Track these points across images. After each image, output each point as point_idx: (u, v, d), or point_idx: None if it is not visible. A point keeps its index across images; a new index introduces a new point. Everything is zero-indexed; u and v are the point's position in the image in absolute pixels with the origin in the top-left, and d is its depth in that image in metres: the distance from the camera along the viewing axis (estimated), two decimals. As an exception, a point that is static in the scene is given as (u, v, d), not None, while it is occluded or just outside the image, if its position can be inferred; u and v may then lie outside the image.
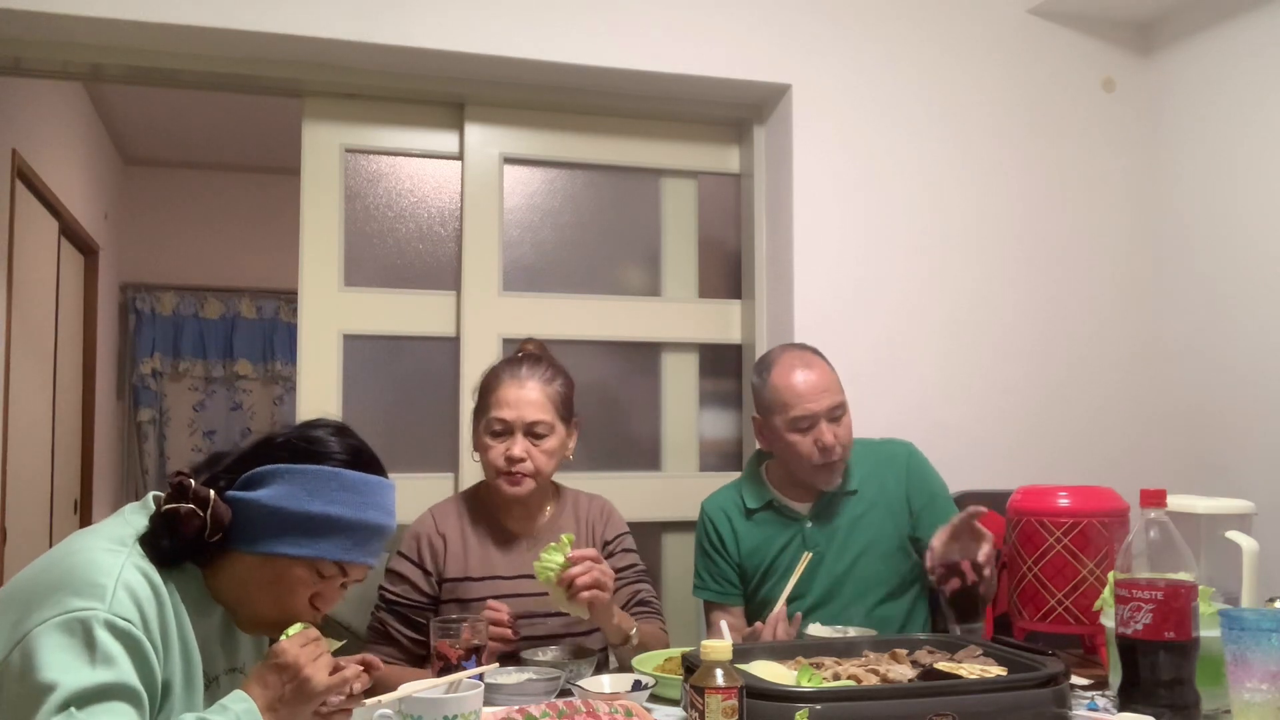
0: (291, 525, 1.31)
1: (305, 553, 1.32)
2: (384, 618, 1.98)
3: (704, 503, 2.34)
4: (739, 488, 2.30)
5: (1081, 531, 1.82)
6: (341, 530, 1.34)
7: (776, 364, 2.18)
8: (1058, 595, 1.82)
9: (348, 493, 1.35)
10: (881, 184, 2.85)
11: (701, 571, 2.29)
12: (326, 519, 1.33)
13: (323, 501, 1.33)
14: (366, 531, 1.36)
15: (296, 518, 1.32)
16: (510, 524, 2.05)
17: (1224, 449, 2.76)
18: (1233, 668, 1.39)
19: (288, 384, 5.60)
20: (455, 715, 1.35)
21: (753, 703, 1.31)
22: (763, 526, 2.23)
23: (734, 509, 2.27)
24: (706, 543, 2.28)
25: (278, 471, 1.34)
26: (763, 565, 2.22)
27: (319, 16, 2.44)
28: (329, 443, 1.39)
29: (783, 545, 2.21)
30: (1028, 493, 1.95)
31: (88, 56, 2.50)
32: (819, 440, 2.10)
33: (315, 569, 1.34)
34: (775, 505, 2.23)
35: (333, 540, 1.33)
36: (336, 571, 1.36)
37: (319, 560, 1.33)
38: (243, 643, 1.48)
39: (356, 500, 1.35)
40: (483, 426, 2.03)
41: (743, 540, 2.24)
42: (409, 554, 2.02)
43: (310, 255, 2.69)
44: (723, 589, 2.25)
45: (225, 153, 5.40)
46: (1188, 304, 2.92)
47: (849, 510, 2.20)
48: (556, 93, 2.80)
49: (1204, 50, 2.88)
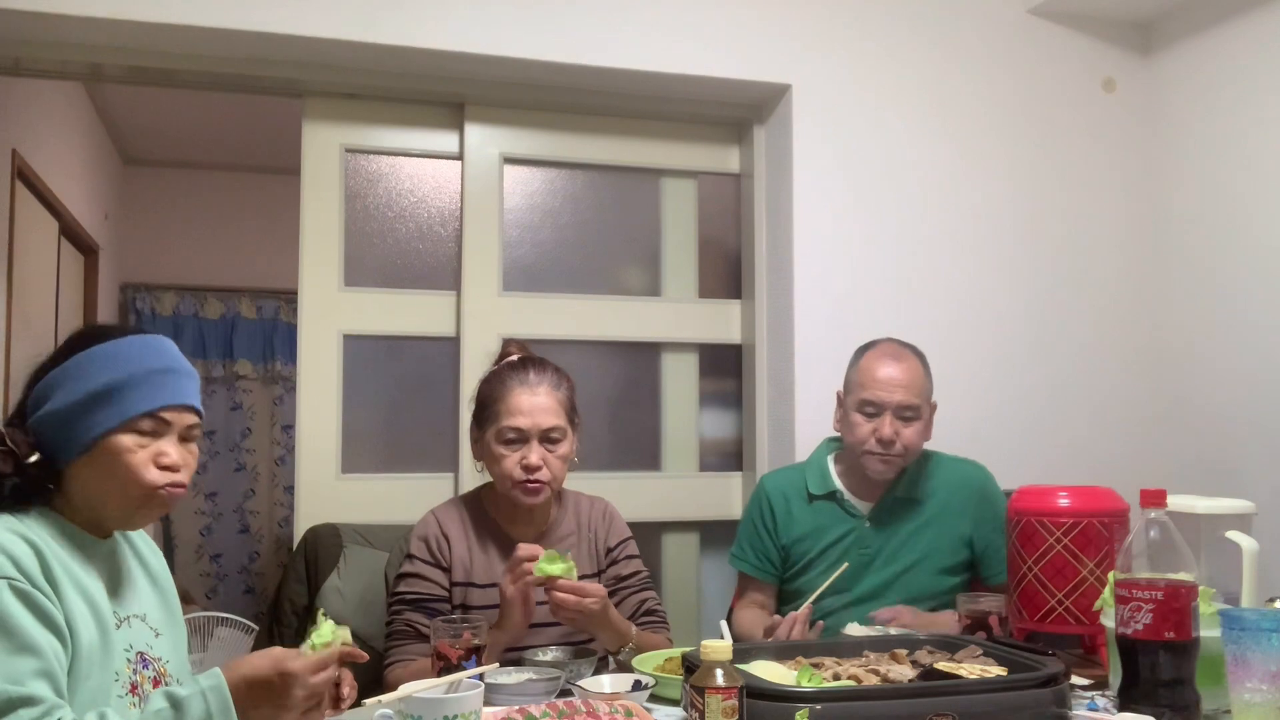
0: (84, 411, 1.37)
1: (112, 420, 1.36)
2: (411, 617, 1.91)
3: (765, 478, 2.38)
4: (803, 471, 2.32)
5: (1081, 531, 1.82)
6: (129, 387, 1.38)
7: (873, 349, 2.27)
8: (1058, 595, 1.82)
9: (110, 359, 1.40)
10: (881, 184, 2.85)
11: (744, 543, 2.32)
12: (108, 387, 1.37)
13: (95, 379, 1.38)
14: (153, 376, 1.41)
15: (84, 403, 1.37)
16: (513, 530, 2.02)
17: (1224, 449, 2.76)
18: (1233, 668, 1.39)
19: (288, 384, 5.59)
20: (455, 715, 1.35)
21: (753, 703, 1.31)
22: (820, 515, 2.25)
23: (795, 492, 2.29)
24: (758, 517, 2.31)
25: (49, 382, 1.40)
26: (809, 554, 2.24)
27: (319, 16, 2.44)
28: (73, 340, 1.45)
29: (836, 538, 2.23)
30: (1028, 493, 1.95)
31: (88, 56, 2.50)
32: (878, 431, 2.15)
33: (131, 430, 1.38)
34: (838, 497, 2.26)
35: (128, 398, 1.38)
36: (152, 423, 1.40)
37: (131, 420, 1.37)
38: (138, 587, 1.50)
39: (122, 361, 1.40)
40: (493, 435, 1.96)
41: (796, 525, 2.26)
42: (420, 555, 1.98)
43: (310, 255, 2.69)
44: (761, 566, 2.29)
45: (225, 153, 5.39)
46: (1188, 304, 2.92)
47: (910, 518, 2.22)
48: (556, 93, 2.80)
49: (1204, 50, 2.87)
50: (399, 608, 1.94)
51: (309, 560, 2.37)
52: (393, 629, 1.93)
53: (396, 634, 1.92)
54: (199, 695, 1.24)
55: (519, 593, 1.78)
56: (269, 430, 5.70)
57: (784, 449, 2.79)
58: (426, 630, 1.87)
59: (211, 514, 5.57)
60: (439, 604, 1.93)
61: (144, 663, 1.42)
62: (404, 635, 1.91)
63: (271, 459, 5.68)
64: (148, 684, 1.41)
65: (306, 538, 2.42)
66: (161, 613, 1.52)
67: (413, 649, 1.88)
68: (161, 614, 1.52)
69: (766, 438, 2.89)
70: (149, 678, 1.42)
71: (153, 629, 1.48)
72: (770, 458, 2.86)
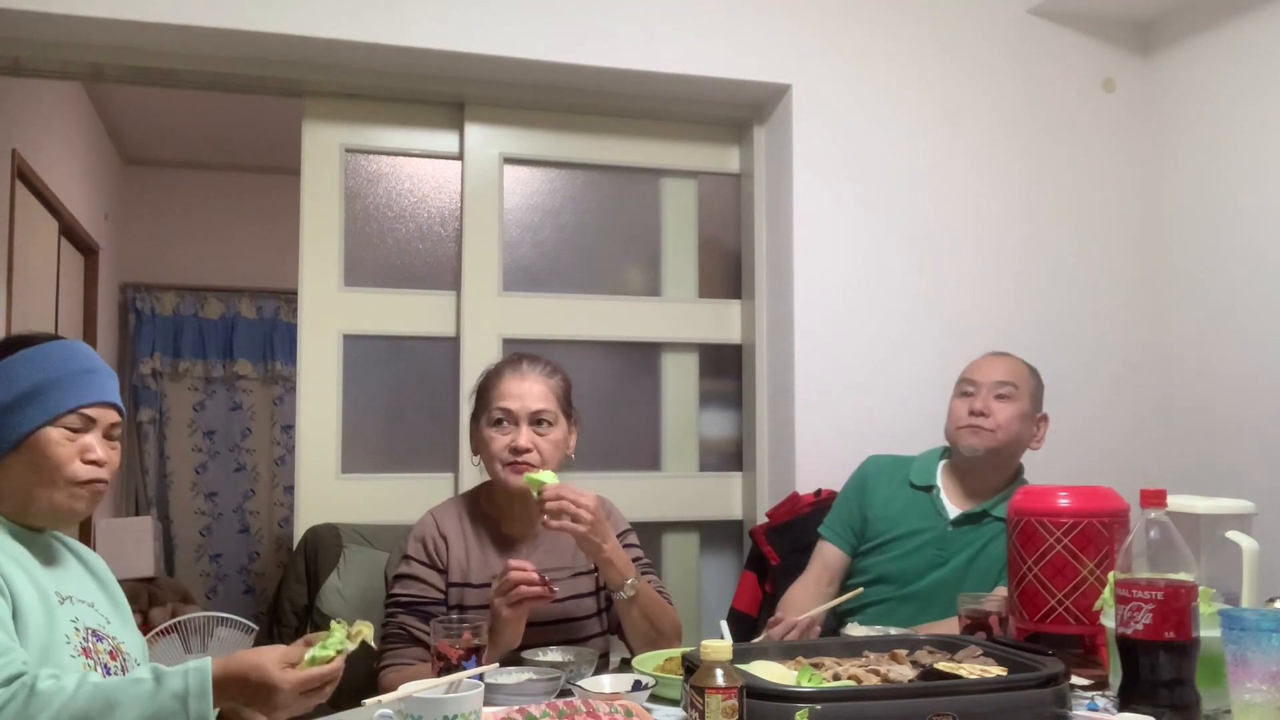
0: (14, 409, 1.43)
1: (40, 417, 1.43)
2: (405, 621, 1.91)
3: (870, 459, 2.43)
4: (912, 461, 2.36)
5: (1081, 531, 1.81)
6: (55, 386, 1.44)
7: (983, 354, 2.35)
8: (1058, 595, 1.82)
9: (35, 362, 1.46)
10: (881, 184, 2.85)
11: (834, 510, 2.39)
12: (36, 387, 1.43)
13: (23, 380, 1.44)
14: (77, 376, 1.47)
15: (13, 403, 1.43)
16: (510, 529, 2.02)
17: (1224, 449, 2.76)
18: (1233, 668, 1.39)
19: (288, 384, 5.59)
20: (455, 715, 1.35)
21: (753, 703, 1.30)
22: (911, 505, 2.28)
23: (897, 476, 2.33)
24: (853, 488, 2.37)
25: None
26: (886, 535, 2.27)
27: (319, 16, 2.44)
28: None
29: (916, 529, 2.26)
30: (1028, 493, 1.95)
31: (88, 56, 2.50)
32: (972, 403, 2.20)
33: (60, 426, 1.44)
34: (934, 494, 2.28)
35: (55, 396, 1.44)
36: (79, 419, 1.46)
37: (59, 416, 1.44)
38: (79, 577, 1.53)
39: (47, 363, 1.46)
40: (484, 420, 1.99)
41: (886, 505, 2.30)
42: (417, 556, 1.97)
43: (310, 255, 2.69)
44: (840, 532, 2.34)
45: (225, 153, 5.39)
46: (1187, 304, 2.91)
47: (991, 535, 2.22)
48: (556, 93, 2.80)
49: (1203, 50, 2.87)
50: (394, 610, 1.94)
51: (309, 560, 2.37)
52: (387, 631, 1.93)
53: (391, 637, 1.92)
54: (181, 673, 1.28)
55: (514, 614, 1.78)
56: (269, 430, 5.70)
57: (784, 449, 2.79)
58: (420, 634, 1.88)
59: (211, 514, 5.57)
60: (434, 607, 1.93)
61: (97, 638, 1.45)
62: (398, 639, 1.91)
63: (271, 459, 5.68)
64: (105, 655, 1.44)
65: (306, 538, 2.42)
66: (110, 608, 1.55)
67: (407, 653, 1.89)
68: (110, 609, 1.55)
69: (766, 438, 2.89)
70: (105, 650, 1.45)
71: (103, 616, 1.51)
72: (770, 458, 2.86)
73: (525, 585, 1.76)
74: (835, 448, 2.48)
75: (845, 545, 2.33)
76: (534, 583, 1.76)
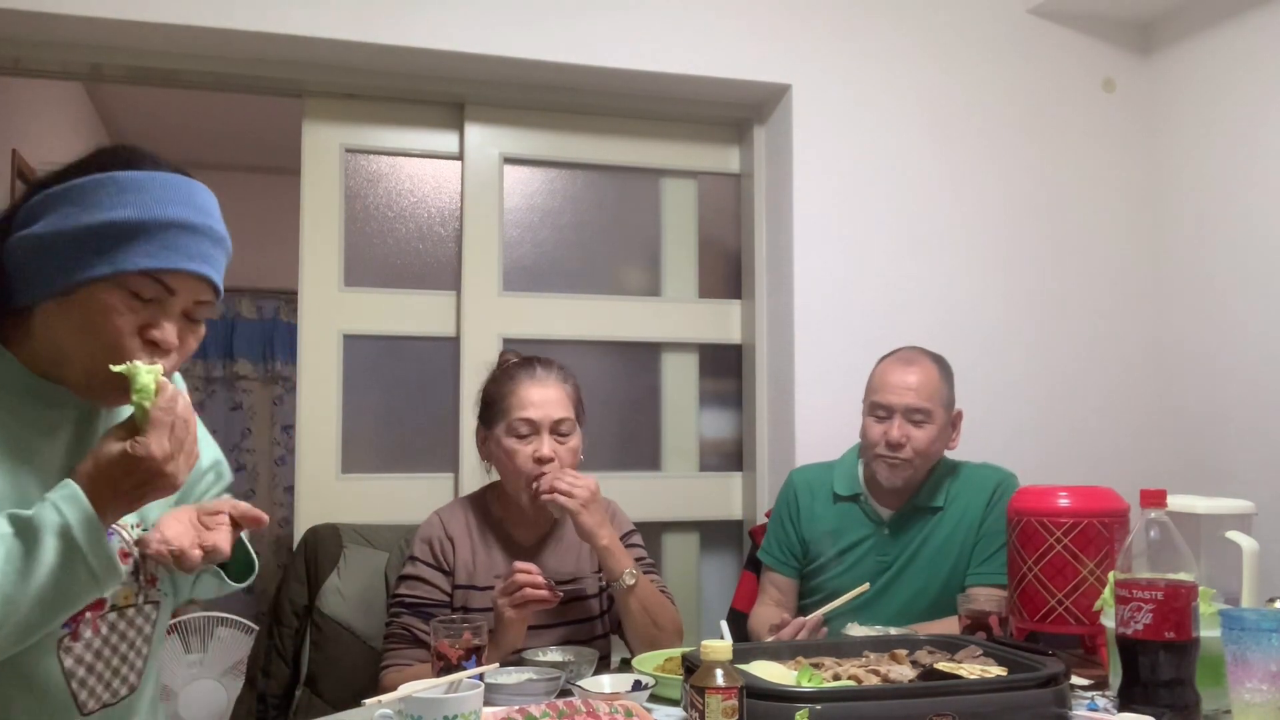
0: (75, 247, 1.10)
1: (100, 270, 1.10)
2: (408, 621, 1.90)
3: (794, 471, 2.40)
4: (833, 470, 2.34)
5: (1081, 531, 1.81)
6: (134, 234, 1.11)
7: (890, 355, 2.28)
8: (1058, 595, 1.82)
9: (130, 193, 1.12)
10: (881, 184, 2.85)
11: (770, 534, 2.35)
12: (111, 226, 1.10)
13: (103, 209, 1.11)
14: (167, 229, 1.13)
15: (77, 236, 1.10)
16: (517, 532, 2.02)
17: (1224, 449, 2.76)
18: (1233, 668, 1.39)
19: (288, 384, 5.59)
20: (455, 715, 1.35)
21: (753, 703, 1.31)
22: (843, 516, 2.26)
23: (821, 489, 2.31)
24: (784, 510, 2.34)
25: (46, 199, 1.13)
26: (827, 552, 2.25)
27: (319, 16, 2.44)
28: (98, 156, 1.18)
29: (855, 541, 2.24)
30: (1028, 493, 1.95)
31: (88, 56, 2.50)
32: (888, 433, 2.16)
33: (124, 288, 1.12)
34: (861, 501, 2.26)
35: (129, 248, 1.11)
36: (153, 286, 1.13)
37: (121, 275, 1.11)
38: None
39: (143, 199, 1.13)
40: (503, 430, 1.95)
41: (818, 522, 2.27)
42: (423, 557, 1.97)
43: (310, 255, 2.69)
44: (782, 558, 2.31)
45: (225, 153, 5.39)
46: (1187, 304, 2.92)
47: (929, 527, 2.22)
48: (556, 93, 2.80)
49: (1204, 50, 2.87)
50: (398, 610, 1.94)
51: (309, 560, 2.37)
52: (390, 631, 1.93)
53: (393, 637, 1.92)
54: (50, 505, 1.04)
55: (518, 616, 1.78)
56: (269, 430, 5.70)
57: (784, 449, 2.79)
58: (423, 635, 1.87)
59: (211, 514, 5.56)
60: (438, 608, 1.92)
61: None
62: (400, 639, 1.91)
63: (271, 459, 5.67)
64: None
65: (306, 538, 2.42)
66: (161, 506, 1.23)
67: (409, 654, 1.88)
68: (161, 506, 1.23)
69: (766, 438, 2.89)
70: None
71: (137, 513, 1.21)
72: (770, 458, 2.87)
73: (530, 588, 1.76)
74: (835, 448, 2.47)
75: (790, 570, 2.31)
76: (539, 585, 1.76)
